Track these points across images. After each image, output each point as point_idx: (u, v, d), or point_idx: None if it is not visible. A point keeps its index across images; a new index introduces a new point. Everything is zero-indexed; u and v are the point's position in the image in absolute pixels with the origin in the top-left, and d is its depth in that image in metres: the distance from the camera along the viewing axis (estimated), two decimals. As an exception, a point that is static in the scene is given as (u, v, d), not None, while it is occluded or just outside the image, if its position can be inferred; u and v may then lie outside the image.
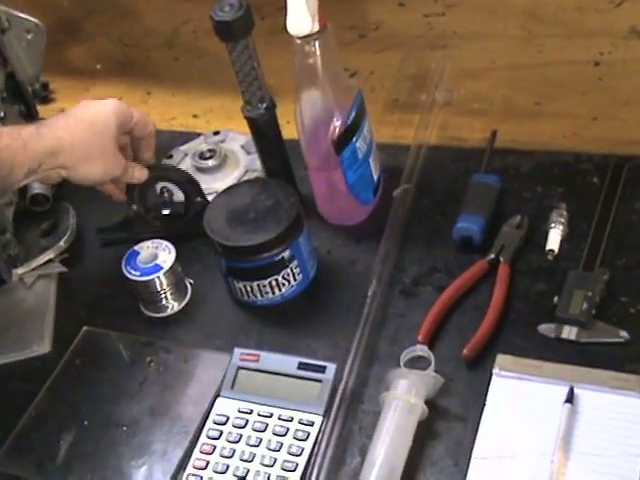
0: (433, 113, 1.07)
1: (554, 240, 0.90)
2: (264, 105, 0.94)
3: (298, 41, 0.87)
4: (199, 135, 1.13)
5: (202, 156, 1.07)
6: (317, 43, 0.87)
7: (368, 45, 1.22)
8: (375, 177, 0.98)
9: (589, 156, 0.99)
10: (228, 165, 1.07)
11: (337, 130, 0.91)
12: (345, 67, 1.15)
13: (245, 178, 1.05)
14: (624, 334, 0.82)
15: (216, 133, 1.12)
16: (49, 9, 1.30)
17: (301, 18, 0.84)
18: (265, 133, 0.96)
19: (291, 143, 0.98)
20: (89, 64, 1.33)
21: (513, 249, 0.91)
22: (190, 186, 0.99)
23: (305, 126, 0.92)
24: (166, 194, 1.02)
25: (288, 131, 0.99)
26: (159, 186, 1.01)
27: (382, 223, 0.96)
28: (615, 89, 1.06)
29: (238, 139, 1.09)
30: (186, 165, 1.08)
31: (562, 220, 0.91)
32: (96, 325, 0.97)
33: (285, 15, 0.86)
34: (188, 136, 1.14)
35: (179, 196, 1.02)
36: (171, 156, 1.10)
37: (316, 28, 0.85)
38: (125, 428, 0.86)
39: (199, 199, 0.99)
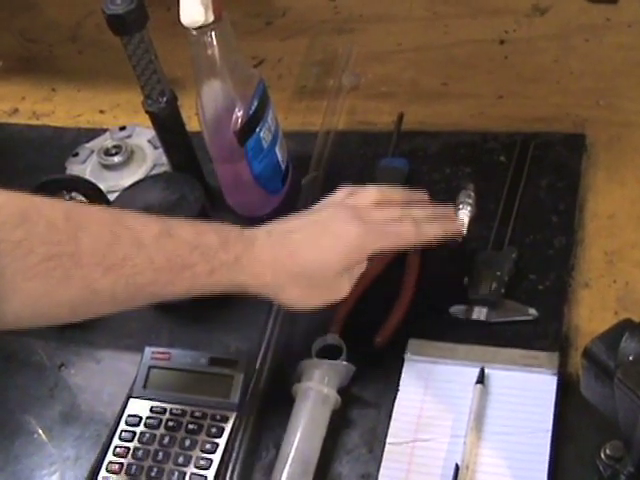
0: (340, 98, 1.06)
1: (463, 221, 0.90)
2: (164, 99, 0.92)
3: (194, 32, 0.85)
4: (105, 131, 1.11)
5: (108, 153, 1.05)
6: (213, 34, 0.85)
7: (275, 32, 1.21)
8: (283, 166, 0.97)
9: (496, 135, 0.99)
10: (135, 161, 1.05)
11: (239, 121, 0.89)
12: (252, 55, 1.15)
13: (153, 173, 1.03)
14: (533, 311, 0.83)
15: (122, 128, 1.09)
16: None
17: (194, 9, 0.82)
18: (168, 127, 0.95)
19: (199, 135, 0.97)
20: (-11, 62, 1.30)
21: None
22: (92, 192, 0.97)
23: (207, 118, 0.91)
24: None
25: (196, 123, 0.97)
26: (64, 195, 0.99)
27: (292, 212, 0.95)
28: (520, 67, 1.07)
29: (145, 134, 1.07)
30: (92, 162, 1.06)
31: (470, 201, 0.91)
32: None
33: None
34: (95, 132, 1.12)
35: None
36: (77, 154, 1.08)
37: (211, 18, 0.84)
38: (36, 436, 0.85)
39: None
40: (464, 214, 0.90)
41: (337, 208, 0.80)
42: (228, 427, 0.80)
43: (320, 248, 0.76)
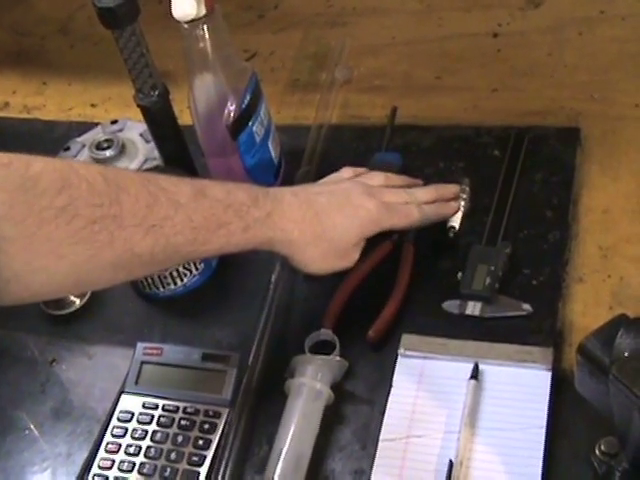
0: (333, 92, 1.06)
1: (455, 216, 0.89)
2: (156, 92, 0.91)
3: (186, 26, 0.85)
4: (97, 125, 1.10)
5: (99, 147, 1.04)
6: (205, 27, 0.85)
7: (267, 25, 1.20)
8: (275, 160, 0.96)
9: (489, 129, 0.98)
10: (127, 155, 1.05)
11: (232, 114, 0.89)
12: (244, 48, 1.15)
13: (145, 167, 1.02)
14: (527, 307, 0.82)
15: (114, 122, 1.09)
16: None
17: (186, 2, 0.82)
18: (159, 121, 0.94)
19: (191, 129, 0.96)
20: (-21, 55, 1.29)
21: (416, 228, 0.90)
22: None
23: (199, 112, 0.90)
24: None
25: (188, 117, 0.97)
26: None
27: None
28: (514, 60, 1.06)
29: (136, 127, 1.06)
30: (84, 157, 1.05)
31: (464, 195, 0.91)
32: (-5, 326, 0.94)
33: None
34: (86, 126, 1.11)
35: None
36: (68, 148, 1.07)
37: (203, 12, 0.83)
38: (27, 432, 0.84)
39: None
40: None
41: (354, 183, 0.84)
42: (221, 423, 0.80)
43: (343, 214, 0.80)
